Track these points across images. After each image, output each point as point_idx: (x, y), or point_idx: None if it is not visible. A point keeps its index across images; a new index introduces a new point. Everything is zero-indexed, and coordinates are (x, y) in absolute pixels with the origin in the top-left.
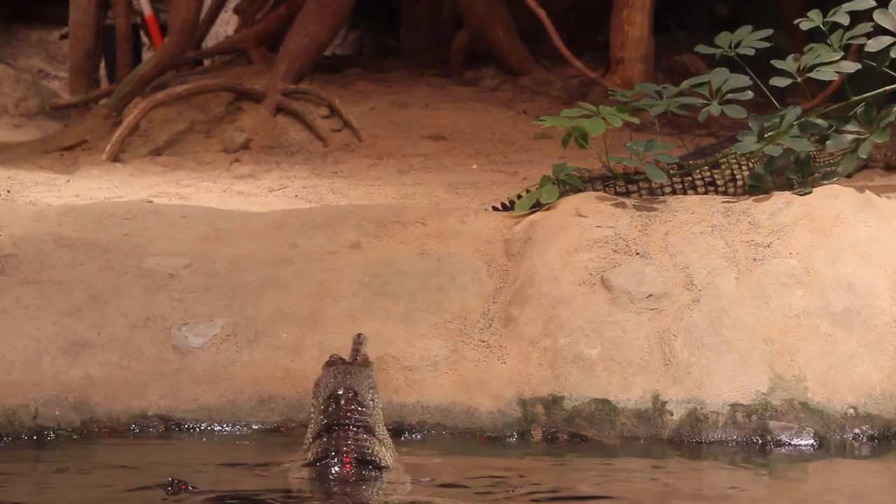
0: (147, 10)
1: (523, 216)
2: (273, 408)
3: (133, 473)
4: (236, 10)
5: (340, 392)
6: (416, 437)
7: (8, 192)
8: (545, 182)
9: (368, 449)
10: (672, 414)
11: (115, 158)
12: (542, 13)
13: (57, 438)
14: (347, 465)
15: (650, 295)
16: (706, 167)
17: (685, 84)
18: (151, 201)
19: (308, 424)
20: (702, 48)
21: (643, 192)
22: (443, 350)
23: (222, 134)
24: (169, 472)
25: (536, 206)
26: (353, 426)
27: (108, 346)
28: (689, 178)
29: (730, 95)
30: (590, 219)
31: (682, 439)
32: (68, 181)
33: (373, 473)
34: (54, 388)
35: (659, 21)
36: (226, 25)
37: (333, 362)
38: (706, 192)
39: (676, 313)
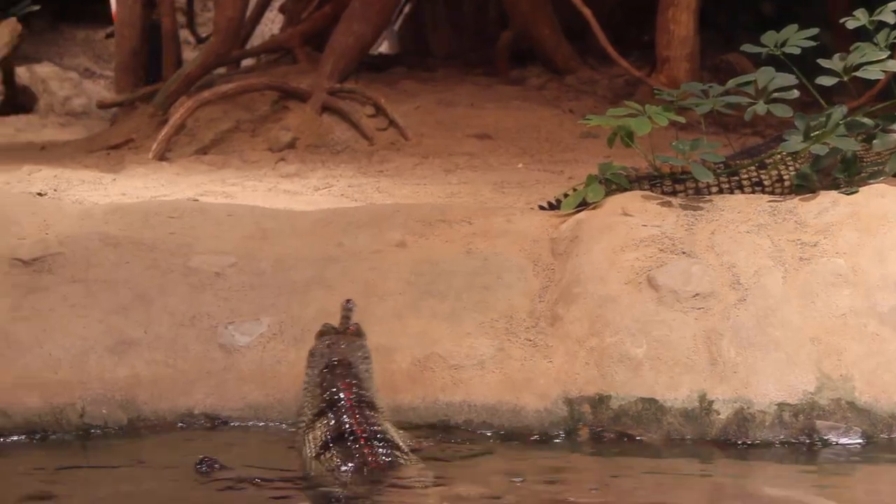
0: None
1: (569, 215)
2: None
3: (179, 471)
4: (282, 9)
5: (336, 362)
6: (463, 435)
7: (54, 190)
8: (591, 181)
9: (377, 426)
10: (719, 413)
11: (161, 157)
12: (587, 12)
13: (104, 436)
14: (365, 444)
15: (696, 294)
16: (752, 167)
17: (731, 83)
18: (197, 200)
19: (304, 392)
20: (748, 47)
21: (689, 191)
22: (489, 349)
23: (268, 133)
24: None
25: (582, 205)
26: (356, 403)
27: (154, 345)
28: (736, 178)
29: (776, 94)
30: (636, 218)
31: (729, 439)
32: (114, 180)
33: (386, 452)
34: (101, 386)
35: (705, 20)
36: (271, 24)
37: (326, 332)
38: (753, 192)
39: (723, 312)
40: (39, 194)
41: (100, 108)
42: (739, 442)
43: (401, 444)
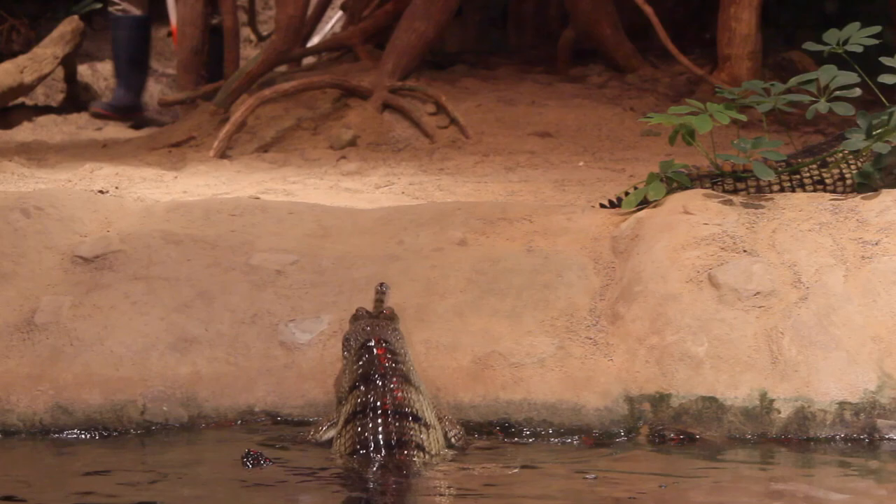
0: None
1: (630, 213)
2: None
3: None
4: (343, 7)
5: (372, 343)
6: (524, 434)
7: (116, 188)
8: (652, 179)
9: (407, 400)
10: (780, 412)
11: (223, 155)
12: (649, 10)
13: (165, 434)
14: (389, 418)
15: (757, 292)
16: (814, 165)
17: (793, 81)
18: (259, 198)
19: (342, 374)
20: (810, 45)
21: (751, 189)
22: (549, 347)
23: (329, 131)
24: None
25: (643, 204)
26: (391, 375)
27: (215, 342)
28: (797, 177)
29: (838, 93)
30: (697, 216)
31: (790, 437)
32: (176, 177)
33: (413, 426)
34: (162, 383)
35: (767, 17)
36: (332, 22)
37: (360, 316)
38: (814, 191)
39: (784, 311)
40: (101, 192)
41: (161, 105)
42: (800, 441)
43: (431, 419)
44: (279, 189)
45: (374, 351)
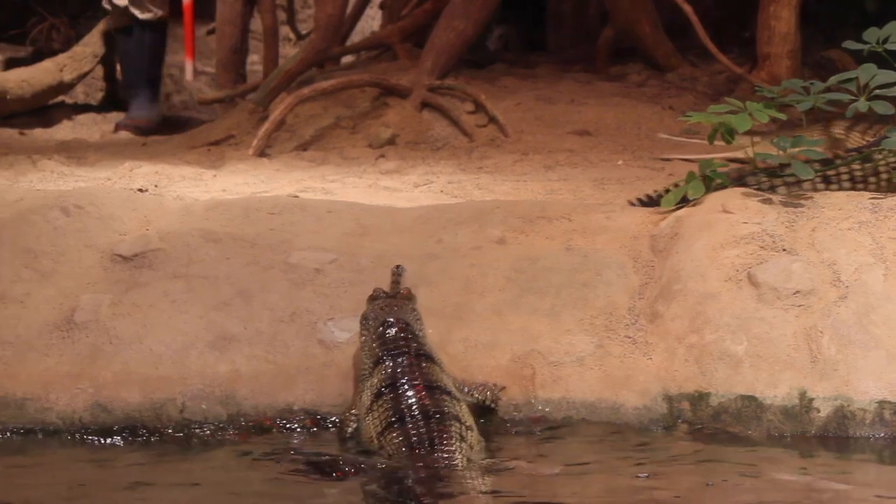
0: None
1: (669, 212)
2: None
3: (275, 467)
4: (382, 6)
5: (391, 320)
6: (562, 433)
7: (155, 186)
8: (691, 178)
9: (434, 375)
10: (819, 411)
11: (262, 153)
12: (688, 8)
13: (203, 432)
14: (423, 391)
15: (797, 291)
16: (854, 163)
17: (832, 80)
18: (297, 196)
19: (361, 354)
20: (849, 44)
21: (791, 187)
22: (588, 346)
23: (368, 129)
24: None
25: (682, 202)
26: (413, 352)
27: (254, 341)
28: (836, 175)
29: (878, 91)
30: (736, 215)
31: (829, 436)
32: (215, 176)
33: (446, 397)
34: (201, 382)
35: (806, 16)
36: (371, 21)
37: (377, 296)
38: (854, 189)
39: (823, 310)
40: (140, 190)
41: (200, 104)
42: (839, 440)
43: (458, 395)
44: (318, 187)
45: (394, 329)
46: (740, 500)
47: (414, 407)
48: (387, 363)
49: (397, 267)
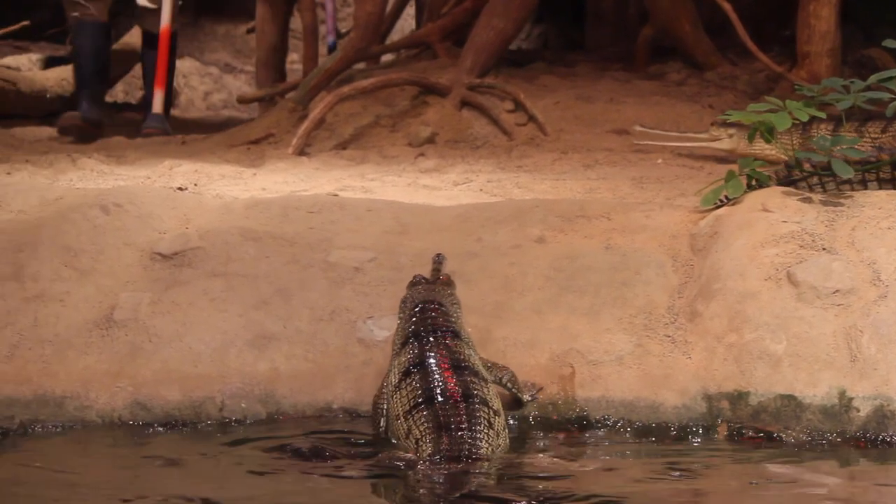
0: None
1: (708, 211)
2: None
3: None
4: (419, 6)
5: (426, 302)
6: (600, 432)
7: (195, 185)
8: (731, 177)
9: (463, 355)
10: (858, 410)
11: (301, 152)
12: (728, 7)
13: (242, 431)
14: (449, 371)
15: (836, 290)
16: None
17: (873, 79)
18: (337, 195)
19: (395, 334)
20: (890, 42)
21: (829, 187)
22: (627, 345)
23: (407, 128)
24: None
25: (722, 201)
26: (441, 331)
27: (294, 339)
28: (875, 174)
29: None
30: (776, 213)
31: (868, 436)
32: (254, 174)
33: (472, 379)
34: (241, 380)
35: (846, 14)
36: (411, 20)
37: (417, 282)
38: (894, 188)
39: (863, 309)
40: (180, 189)
41: (240, 103)
42: (879, 438)
43: (485, 374)
44: (357, 186)
45: (428, 310)
46: (780, 500)
47: (441, 388)
48: (415, 342)
49: (438, 255)
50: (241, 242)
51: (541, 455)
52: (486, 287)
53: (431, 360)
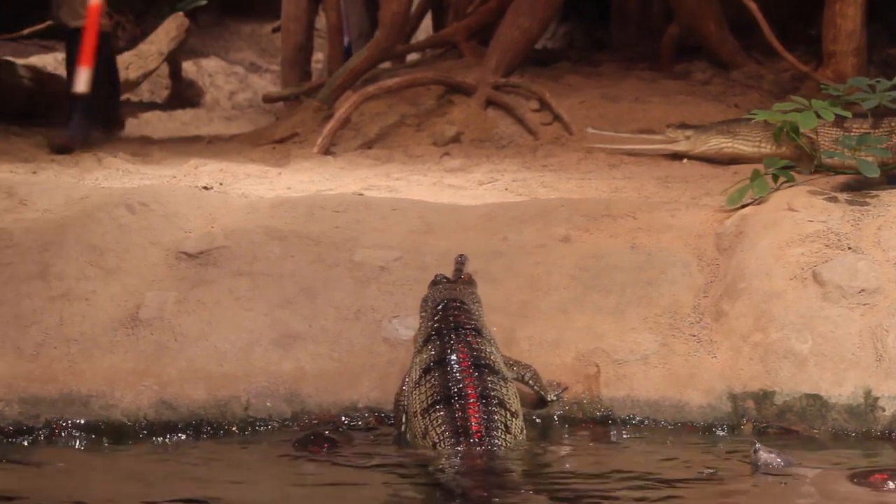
0: None
1: (734, 210)
2: None
3: (338, 469)
4: (447, 4)
5: (447, 300)
6: (625, 431)
7: (220, 184)
8: (756, 176)
9: (481, 351)
10: (884, 410)
11: (327, 151)
12: (753, 6)
13: (268, 430)
14: (468, 370)
15: (862, 290)
16: None
17: None
18: (362, 194)
19: (418, 331)
20: None
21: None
22: (653, 344)
23: (433, 127)
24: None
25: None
26: (463, 328)
27: (319, 339)
28: None
29: None
30: (801, 213)
31: (893, 435)
32: (280, 174)
33: (491, 378)
34: (266, 379)
35: (872, 14)
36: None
37: (438, 281)
38: None
39: (889, 308)
40: (205, 188)
41: (265, 102)
42: None
43: (507, 374)
44: (383, 185)
45: (449, 308)
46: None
47: (459, 388)
48: (437, 339)
49: (461, 256)
50: (267, 242)
51: (564, 453)
52: (511, 286)
53: (452, 358)
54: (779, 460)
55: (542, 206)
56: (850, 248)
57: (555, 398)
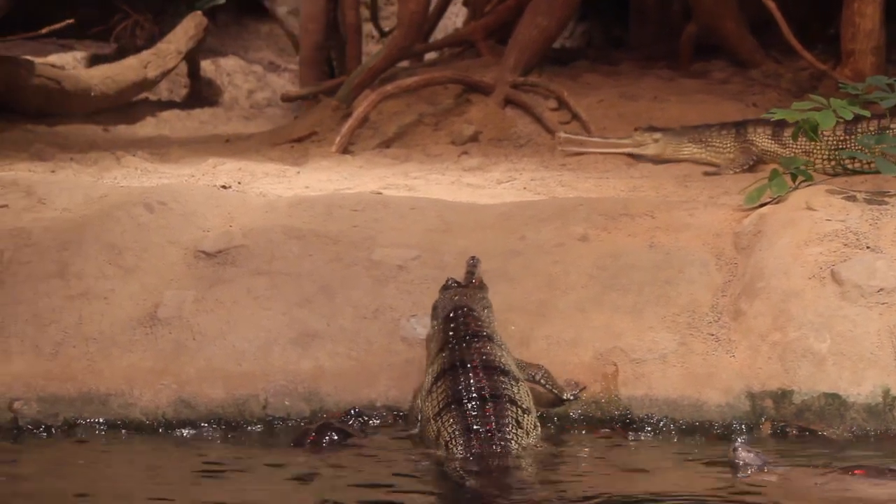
0: None
1: (752, 209)
2: None
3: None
4: (465, 3)
5: (458, 307)
6: (645, 430)
7: (239, 183)
8: (775, 175)
9: (492, 355)
10: None
11: (345, 150)
12: (772, 5)
13: (286, 428)
14: (480, 373)
15: (881, 289)
16: None
17: None
18: (380, 193)
19: (430, 338)
20: None
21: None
22: (671, 343)
23: (451, 126)
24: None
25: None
26: (475, 337)
27: (337, 337)
28: None
29: None
30: (820, 212)
31: None
32: (298, 173)
33: (502, 379)
34: (284, 378)
35: (891, 12)
36: (455, 18)
37: (449, 286)
38: None
39: None
40: (224, 187)
41: (284, 101)
42: None
43: (519, 375)
44: (401, 184)
45: (460, 317)
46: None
47: (470, 389)
48: (449, 347)
49: (472, 258)
50: (285, 240)
51: (579, 453)
52: (529, 285)
53: (463, 365)
54: (757, 459)
55: (560, 205)
56: (868, 248)
57: (572, 398)
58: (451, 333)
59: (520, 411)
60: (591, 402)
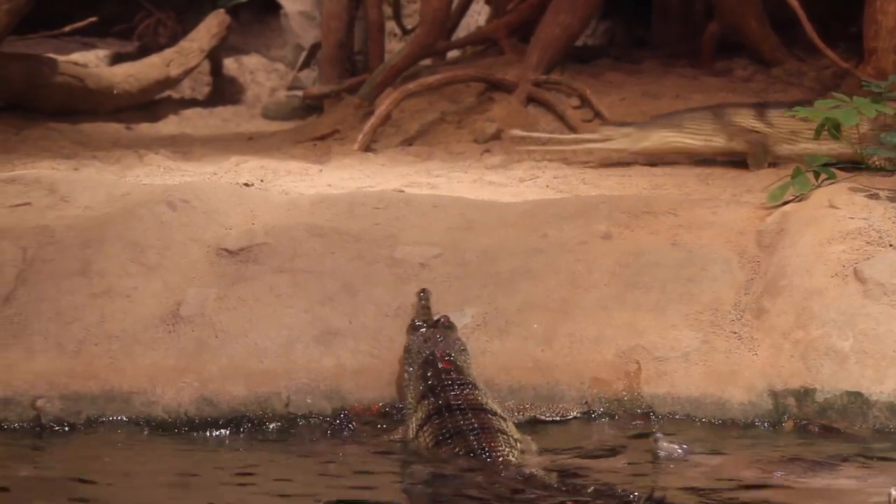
0: None
1: (775, 207)
2: (524, 397)
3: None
4: (488, 1)
5: (435, 356)
6: (668, 428)
7: (261, 181)
8: (798, 173)
9: (478, 399)
10: None
11: (367, 148)
12: (794, 3)
13: (309, 426)
14: (467, 413)
15: None
16: None
17: None
18: (403, 191)
19: (406, 386)
20: None
21: None
22: (694, 341)
23: (473, 124)
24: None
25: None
26: (458, 383)
27: (359, 335)
28: None
29: None
30: (843, 210)
31: None
32: (320, 170)
33: (491, 417)
34: (306, 376)
35: None
36: (477, 16)
37: (417, 327)
38: None
39: None
40: (246, 185)
41: (306, 99)
42: None
43: (501, 412)
44: (423, 182)
45: (439, 364)
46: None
47: (459, 426)
48: (431, 399)
49: (423, 290)
50: (307, 238)
51: (602, 452)
52: (551, 283)
53: (450, 408)
54: (679, 449)
55: (582, 202)
56: (891, 246)
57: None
58: (430, 385)
59: (511, 439)
60: (614, 400)
